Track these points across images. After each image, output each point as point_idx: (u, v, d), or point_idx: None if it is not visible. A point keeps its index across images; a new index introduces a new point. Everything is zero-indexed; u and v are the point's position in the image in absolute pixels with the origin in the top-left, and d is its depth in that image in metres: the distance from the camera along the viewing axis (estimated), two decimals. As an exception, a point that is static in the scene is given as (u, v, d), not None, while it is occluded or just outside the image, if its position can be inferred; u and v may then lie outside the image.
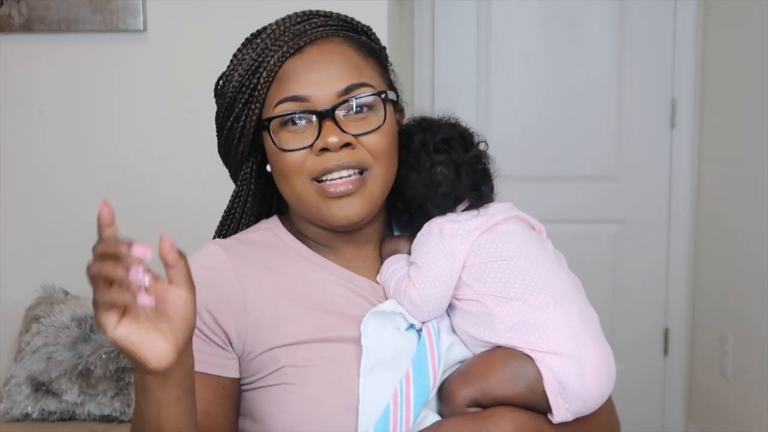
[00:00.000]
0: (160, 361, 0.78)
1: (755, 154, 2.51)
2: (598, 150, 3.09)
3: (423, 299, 1.01)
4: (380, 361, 0.98)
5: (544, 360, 0.96)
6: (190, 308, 0.80)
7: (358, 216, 1.02)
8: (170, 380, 0.82)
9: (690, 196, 3.06)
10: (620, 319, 3.09)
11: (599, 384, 0.98)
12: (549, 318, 0.98)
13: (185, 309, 0.79)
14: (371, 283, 1.08)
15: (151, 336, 0.78)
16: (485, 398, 0.98)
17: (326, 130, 1.00)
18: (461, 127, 1.12)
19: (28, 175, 2.50)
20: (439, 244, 1.03)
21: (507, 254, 1.03)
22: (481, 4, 3.07)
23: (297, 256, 1.08)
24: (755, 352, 2.54)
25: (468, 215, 1.06)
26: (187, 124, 2.43)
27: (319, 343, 1.00)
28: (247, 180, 1.12)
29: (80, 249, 2.71)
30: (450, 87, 3.12)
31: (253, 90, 1.03)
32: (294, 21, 1.05)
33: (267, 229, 1.12)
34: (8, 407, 2.14)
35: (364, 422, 0.95)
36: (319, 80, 1.01)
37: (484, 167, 1.10)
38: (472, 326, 1.02)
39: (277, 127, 1.02)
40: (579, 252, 2.84)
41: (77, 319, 2.20)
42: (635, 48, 3.03)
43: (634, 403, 3.08)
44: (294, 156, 1.01)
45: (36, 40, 2.44)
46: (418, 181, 1.07)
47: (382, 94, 1.04)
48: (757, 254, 2.51)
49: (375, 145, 1.02)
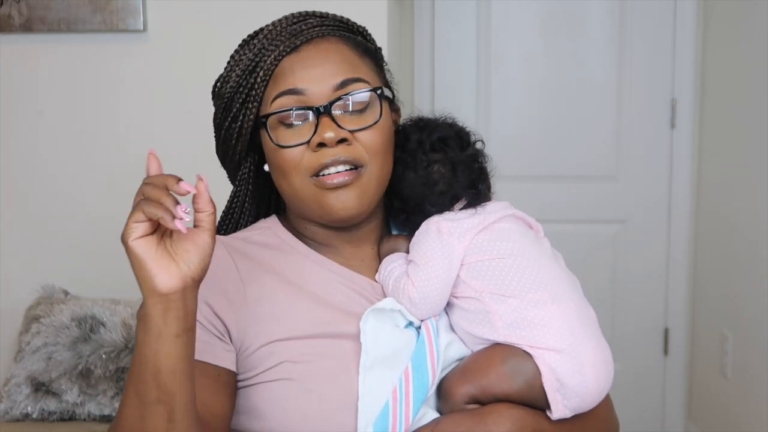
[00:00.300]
0: (165, 281, 0.81)
1: (755, 154, 2.51)
2: (598, 150, 3.09)
3: (421, 297, 1.02)
4: (379, 358, 0.98)
5: (543, 357, 0.97)
6: (208, 253, 0.84)
7: (354, 208, 1.03)
8: (172, 310, 0.82)
9: (690, 196, 3.06)
10: (620, 318, 3.09)
11: (597, 381, 0.98)
12: (547, 315, 0.99)
13: (204, 251, 0.83)
14: (370, 281, 1.08)
15: (166, 259, 0.81)
16: (484, 395, 0.98)
17: (323, 126, 1.01)
18: (458, 126, 1.12)
19: (28, 175, 2.50)
20: (437, 242, 1.03)
21: (504, 252, 1.03)
22: (481, 5, 3.07)
23: (296, 253, 1.09)
24: (755, 352, 2.54)
25: (465, 214, 1.07)
26: (187, 124, 2.43)
27: (318, 339, 1.00)
28: (245, 180, 1.13)
29: (80, 249, 2.73)
30: (450, 87, 3.12)
31: (251, 89, 1.05)
32: (290, 21, 1.06)
33: (266, 228, 1.13)
34: (8, 407, 2.15)
35: (363, 419, 0.96)
36: (314, 75, 1.02)
37: (480, 166, 1.11)
38: (471, 324, 1.02)
39: (274, 124, 1.03)
40: (579, 252, 2.85)
41: (77, 319, 2.20)
42: (635, 48, 3.03)
43: (634, 402, 3.09)
44: (291, 152, 1.02)
45: (36, 40, 2.44)
46: (415, 179, 1.07)
47: (378, 90, 1.05)
48: (757, 254, 2.51)
49: (370, 142, 1.03)
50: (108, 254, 2.51)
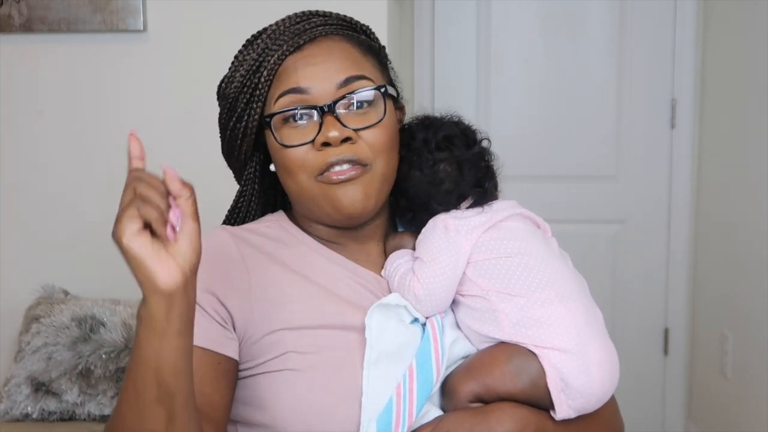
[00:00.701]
0: (167, 279, 0.78)
1: (755, 154, 2.51)
2: (598, 150, 3.09)
3: (427, 294, 1.01)
4: (384, 353, 0.98)
5: (548, 356, 0.96)
6: (197, 239, 0.81)
7: (361, 202, 1.03)
8: (175, 307, 0.80)
9: (690, 196, 3.06)
10: (620, 318, 3.09)
11: (602, 381, 0.98)
12: (553, 315, 0.98)
13: (193, 238, 0.80)
14: (375, 276, 1.08)
15: (162, 254, 0.79)
16: (488, 394, 0.98)
17: (327, 125, 1.00)
18: (463, 124, 1.12)
19: (28, 175, 2.50)
20: (443, 240, 1.03)
21: (512, 251, 1.03)
22: (481, 4, 3.07)
23: (303, 246, 1.09)
24: (755, 352, 2.54)
25: (472, 212, 1.06)
26: (187, 124, 2.43)
27: (324, 330, 1.00)
28: (251, 179, 1.13)
29: (80, 249, 2.73)
30: (450, 87, 3.12)
31: (254, 89, 1.05)
32: (293, 21, 1.06)
33: (274, 221, 1.13)
34: (8, 407, 2.14)
35: (366, 414, 0.95)
36: (318, 73, 1.02)
37: (487, 164, 1.10)
38: (477, 322, 1.02)
39: (278, 123, 1.04)
40: (579, 252, 2.82)
41: (77, 319, 2.20)
42: (635, 48, 3.03)
43: (634, 403, 3.08)
44: (296, 152, 1.02)
45: (36, 40, 2.44)
46: (421, 178, 1.07)
47: (382, 88, 1.05)
48: (757, 254, 2.51)
49: (375, 140, 1.03)
50: (108, 254, 2.50)
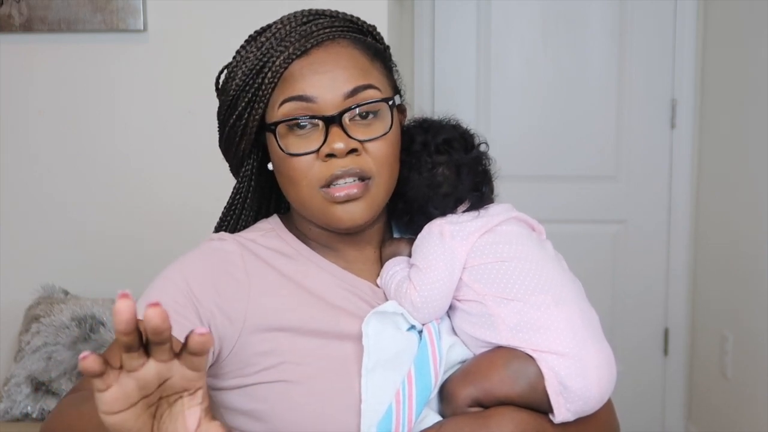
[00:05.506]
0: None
1: (755, 154, 2.51)
2: (598, 150, 3.09)
3: (424, 301, 1.01)
4: (381, 360, 0.98)
5: (546, 360, 0.96)
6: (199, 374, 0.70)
7: (362, 219, 1.02)
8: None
9: (690, 196, 3.06)
10: (620, 319, 3.09)
11: (600, 384, 0.98)
12: (550, 318, 0.98)
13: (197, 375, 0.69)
14: (372, 286, 1.08)
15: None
16: (486, 398, 0.98)
17: (333, 136, 0.99)
18: (462, 128, 1.12)
19: (28, 175, 2.50)
20: (439, 246, 1.03)
21: (507, 255, 1.03)
22: (481, 5, 3.07)
23: (299, 256, 1.08)
24: (755, 352, 2.54)
25: (468, 216, 1.06)
26: (187, 124, 2.43)
27: (320, 339, 1.00)
28: (248, 177, 1.12)
29: (80, 249, 2.73)
30: (450, 87, 3.12)
31: (257, 90, 1.03)
32: (300, 21, 1.04)
33: (270, 230, 1.12)
34: (8, 407, 2.14)
35: (366, 421, 0.95)
36: (325, 81, 1.00)
37: (484, 168, 1.10)
38: (473, 327, 1.02)
39: (283, 130, 1.02)
40: (579, 252, 2.85)
41: (77, 319, 2.20)
42: (635, 48, 3.03)
43: (634, 403, 3.09)
44: (301, 161, 1.01)
45: (36, 40, 2.44)
46: (419, 181, 1.07)
47: (390, 101, 1.03)
48: (757, 254, 2.51)
49: (379, 152, 1.01)
50: (108, 254, 2.51)
